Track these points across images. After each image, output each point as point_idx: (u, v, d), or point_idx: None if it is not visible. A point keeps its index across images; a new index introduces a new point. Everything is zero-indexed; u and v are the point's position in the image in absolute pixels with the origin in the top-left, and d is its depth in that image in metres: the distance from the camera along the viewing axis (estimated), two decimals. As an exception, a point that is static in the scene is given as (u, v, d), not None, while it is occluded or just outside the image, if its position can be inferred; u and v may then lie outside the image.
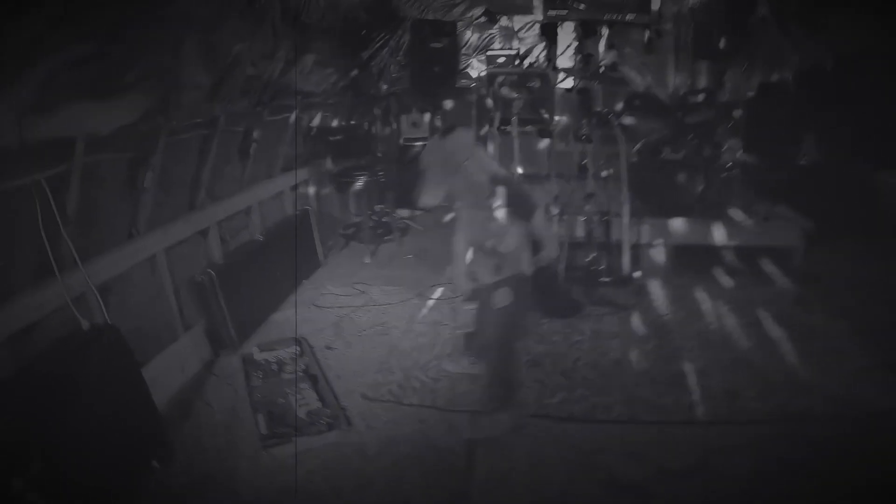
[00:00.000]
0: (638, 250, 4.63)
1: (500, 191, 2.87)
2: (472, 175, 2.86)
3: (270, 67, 3.98)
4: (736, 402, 3.11)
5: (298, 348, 3.64)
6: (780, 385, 3.23)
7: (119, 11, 2.44)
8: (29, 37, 2.14)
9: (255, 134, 4.40)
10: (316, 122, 5.51)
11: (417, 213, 6.61)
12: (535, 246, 3.00)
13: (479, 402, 3.12)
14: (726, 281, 4.55)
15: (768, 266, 4.67)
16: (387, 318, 4.20)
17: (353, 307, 4.39)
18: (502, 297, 2.88)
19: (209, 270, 3.66)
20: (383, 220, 6.05)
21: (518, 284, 2.91)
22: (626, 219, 4.57)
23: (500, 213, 2.86)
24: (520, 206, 2.90)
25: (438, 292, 4.59)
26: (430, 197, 2.94)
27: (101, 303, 2.87)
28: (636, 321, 4.06)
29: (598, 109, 5.33)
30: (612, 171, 4.65)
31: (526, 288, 2.95)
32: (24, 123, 2.30)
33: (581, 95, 5.46)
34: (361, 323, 4.15)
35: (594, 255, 4.56)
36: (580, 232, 4.67)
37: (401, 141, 6.65)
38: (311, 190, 5.56)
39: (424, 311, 4.29)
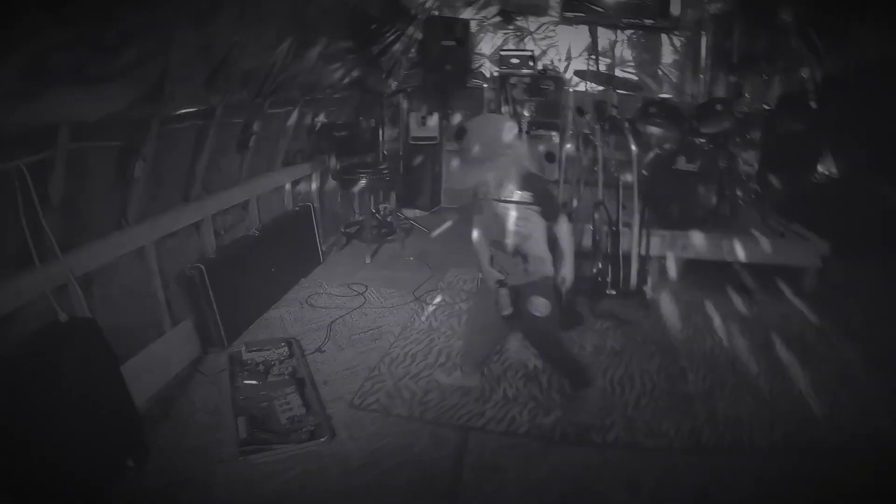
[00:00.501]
0: (647, 263, 4.47)
1: (530, 187, 2.75)
2: (506, 166, 2.71)
3: (271, 59, 3.87)
4: (740, 430, 2.95)
5: (287, 349, 3.52)
6: (788, 413, 3.07)
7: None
8: (13, 20, 2.04)
9: (255, 126, 4.29)
10: (320, 117, 5.40)
11: (423, 213, 6.49)
12: (554, 245, 2.89)
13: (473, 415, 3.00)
14: (737, 299, 4.38)
15: (782, 285, 4.50)
16: (382, 323, 4.07)
17: (349, 309, 4.27)
18: (542, 308, 2.80)
19: (199, 265, 3.55)
20: (387, 219, 5.94)
21: (546, 287, 2.85)
22: (635, 229, 4.40)
23: (526, 212, 2.75)
24: (546, 207, 2.80)
25: (438, 298, 4.46)
26: (459, 180, 2.82)
27: (82, 294, 2.77)
28: (640, 337, 3.91)
29: (612, 115, 5.18)
30: (628, 178, 4.49)
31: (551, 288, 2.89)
32: (4, 108, 2.21)
33: (595, 100, 5.31)
34: (355, 326, 4.02)
35: (600, 265, 4.40)
36: (587, 241, 4.51)
37: (409, 140, 6.55)
38: (314, 186, 5.44)
39: (422, 317, 4.16)
